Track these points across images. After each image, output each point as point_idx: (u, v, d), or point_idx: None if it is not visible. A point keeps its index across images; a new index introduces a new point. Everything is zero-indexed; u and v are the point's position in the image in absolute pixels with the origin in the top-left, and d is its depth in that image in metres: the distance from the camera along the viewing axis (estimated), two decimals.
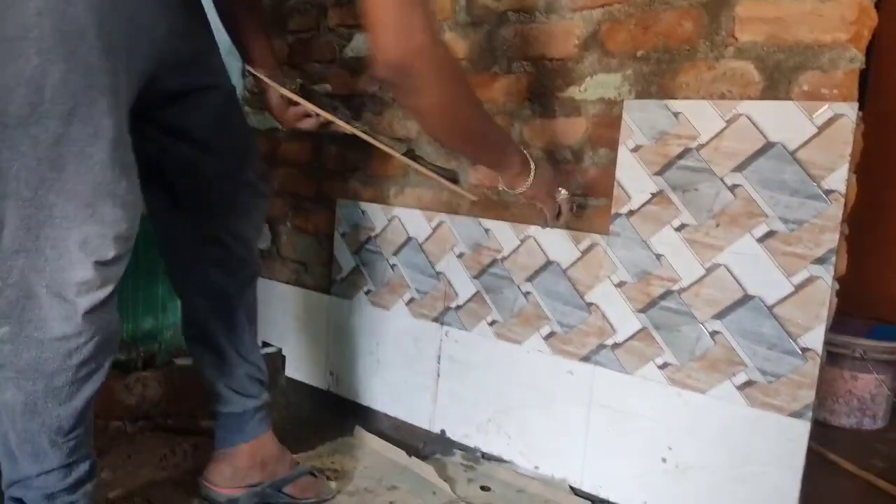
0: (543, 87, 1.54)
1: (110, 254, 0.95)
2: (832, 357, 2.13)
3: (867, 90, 3.18)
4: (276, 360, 2.09)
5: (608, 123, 1.44)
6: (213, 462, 1.38)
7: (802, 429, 1.24)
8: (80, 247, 0.92)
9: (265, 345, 2.14)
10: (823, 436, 2.06)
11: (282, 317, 2.13)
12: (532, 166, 1.25)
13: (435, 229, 1.73)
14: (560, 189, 1.35)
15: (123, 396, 1.68)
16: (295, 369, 2.09)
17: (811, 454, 1.87)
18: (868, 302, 2.67)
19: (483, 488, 1.55)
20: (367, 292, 1.89)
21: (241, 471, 1.38)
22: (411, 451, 1.68)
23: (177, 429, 1.71)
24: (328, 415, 1.93)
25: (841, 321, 2.33)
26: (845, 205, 1.19)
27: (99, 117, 0.91)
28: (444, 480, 1.55)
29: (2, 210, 0.89)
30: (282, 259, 2.15)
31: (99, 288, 0.96)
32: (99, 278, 0.95)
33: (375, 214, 1.86)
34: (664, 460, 1.39)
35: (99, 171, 0.92)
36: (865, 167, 3.02)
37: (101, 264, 0.94)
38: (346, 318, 1.95)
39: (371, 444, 1.74)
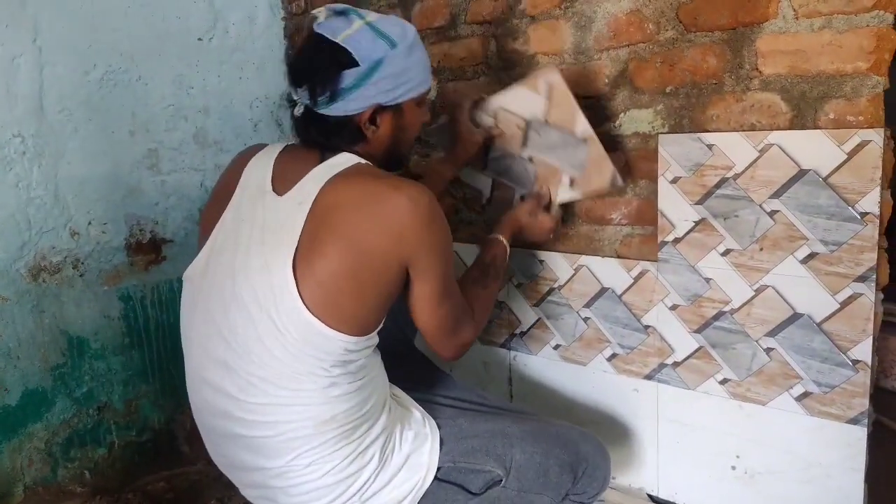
0: None
1: None
2: (893, 326, 2.16)
3: None
4: None
5: (645, 156, 1.51)
6: None
7: (860, 433, 1.31)
8: None
9: None
10: (892, 404, 2.11)
11: None
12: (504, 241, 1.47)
13: None
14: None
15: None
16: None
17: (881, 428, 1.94)
18: None
19: None
20: None
21: None
22: None
23: None
24: None
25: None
26: (881, 222, 1.25)
27: None
28: None
29: None
30: None
31: None
32: None
33: None
34: (734, 468, 1.49)
35: None
36: None
37: None
38: None
39: None
